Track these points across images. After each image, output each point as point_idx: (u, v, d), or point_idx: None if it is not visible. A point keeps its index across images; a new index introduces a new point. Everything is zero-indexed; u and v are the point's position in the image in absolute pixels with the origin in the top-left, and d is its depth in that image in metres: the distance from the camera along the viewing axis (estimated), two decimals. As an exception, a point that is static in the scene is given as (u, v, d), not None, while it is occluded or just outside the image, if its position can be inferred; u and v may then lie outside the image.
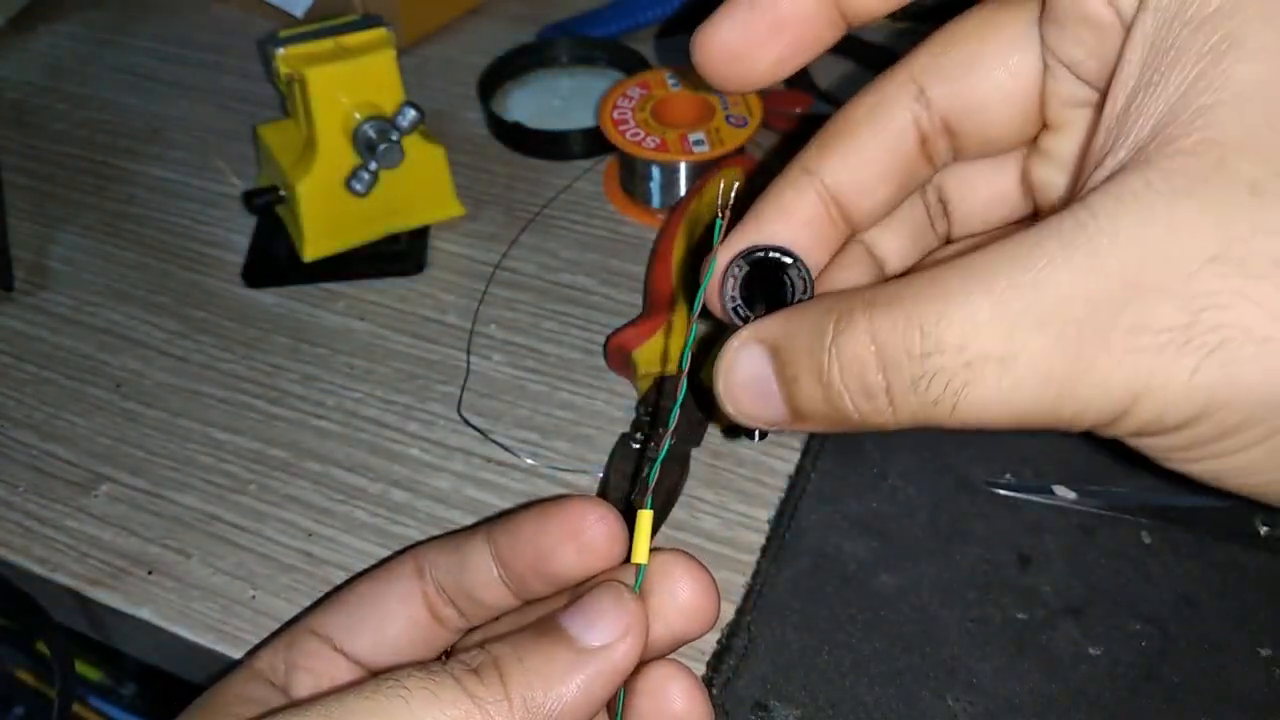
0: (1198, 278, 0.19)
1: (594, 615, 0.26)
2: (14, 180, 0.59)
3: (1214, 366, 0.20)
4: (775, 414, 0.25)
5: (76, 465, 0.44)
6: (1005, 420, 0.22)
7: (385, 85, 0.50)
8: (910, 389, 0.22)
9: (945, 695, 0.35)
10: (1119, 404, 0.21)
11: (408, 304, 0.51)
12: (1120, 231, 0.20)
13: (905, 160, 0.27)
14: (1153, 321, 0.20)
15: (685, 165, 0.53)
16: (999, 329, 0.21)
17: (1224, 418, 0.20)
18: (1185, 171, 0.20)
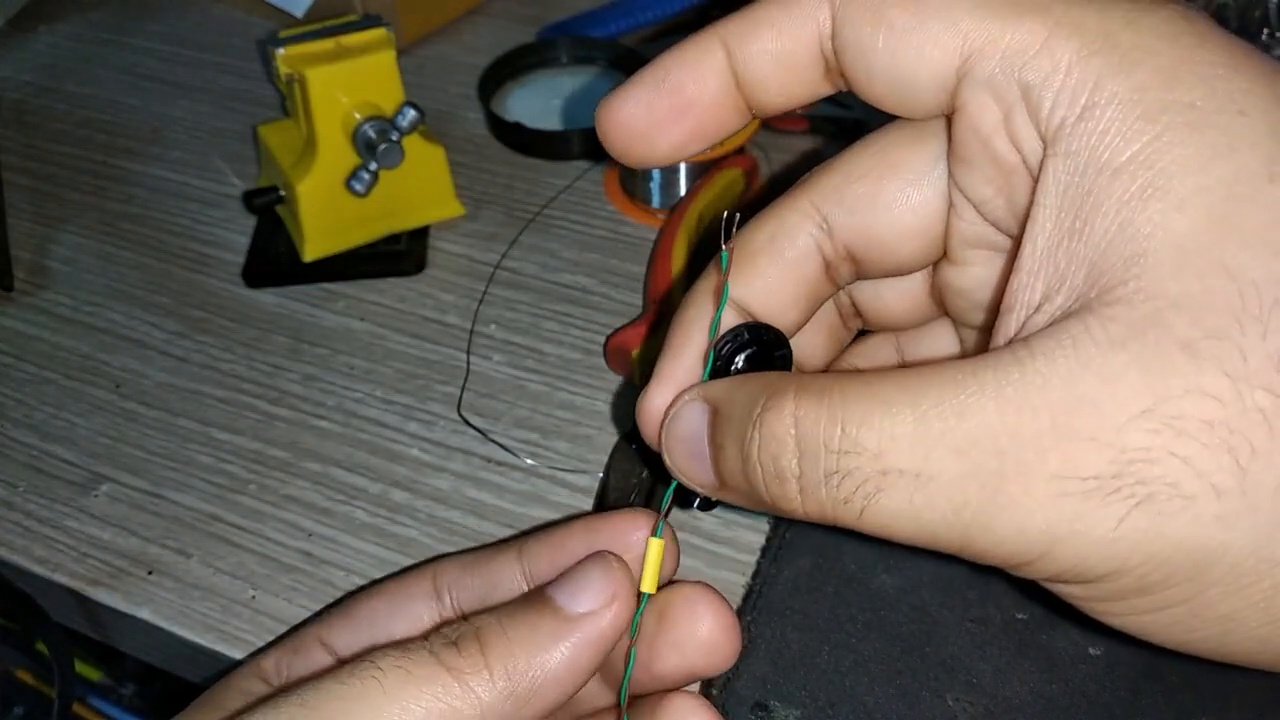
0: (1128, 431, 0.19)
1: (580, 583, 0.26)
2: (14, 180, 0.59)
3: (1140, 518, 0.19)
4: (704, 476, 0.25)
5: (76, 465, 0.44)
6: (914, 537, 0.22)
7: (385, 85, 0.50)
8: (822, 482, 0.22)
9: (945, 695, 0.35)
10: (1035, 545, 0.20)
11: (408, 304, 0.51)
12: (1055, 375, 0.20)
13: (810, 284, 0.27)
14: (1079, 468, 0.20)
15: (685, 165, 0.53)
16: (918, 447, 0.21)
17: (1146, 573, 0.20)
18: (1121, 322, 0.20)
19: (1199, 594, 0.20)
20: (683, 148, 0.27)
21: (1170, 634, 0.22)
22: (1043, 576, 0.22)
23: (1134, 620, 0.22)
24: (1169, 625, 0.21)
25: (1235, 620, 0.21)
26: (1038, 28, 0.21)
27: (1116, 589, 0.21)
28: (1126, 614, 0.22)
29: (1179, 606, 0.21)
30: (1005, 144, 0.23)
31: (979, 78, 0.22)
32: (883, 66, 0.23)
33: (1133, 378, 0.19)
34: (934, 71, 0.23)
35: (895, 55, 0.23)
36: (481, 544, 0.40)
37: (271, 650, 0.31)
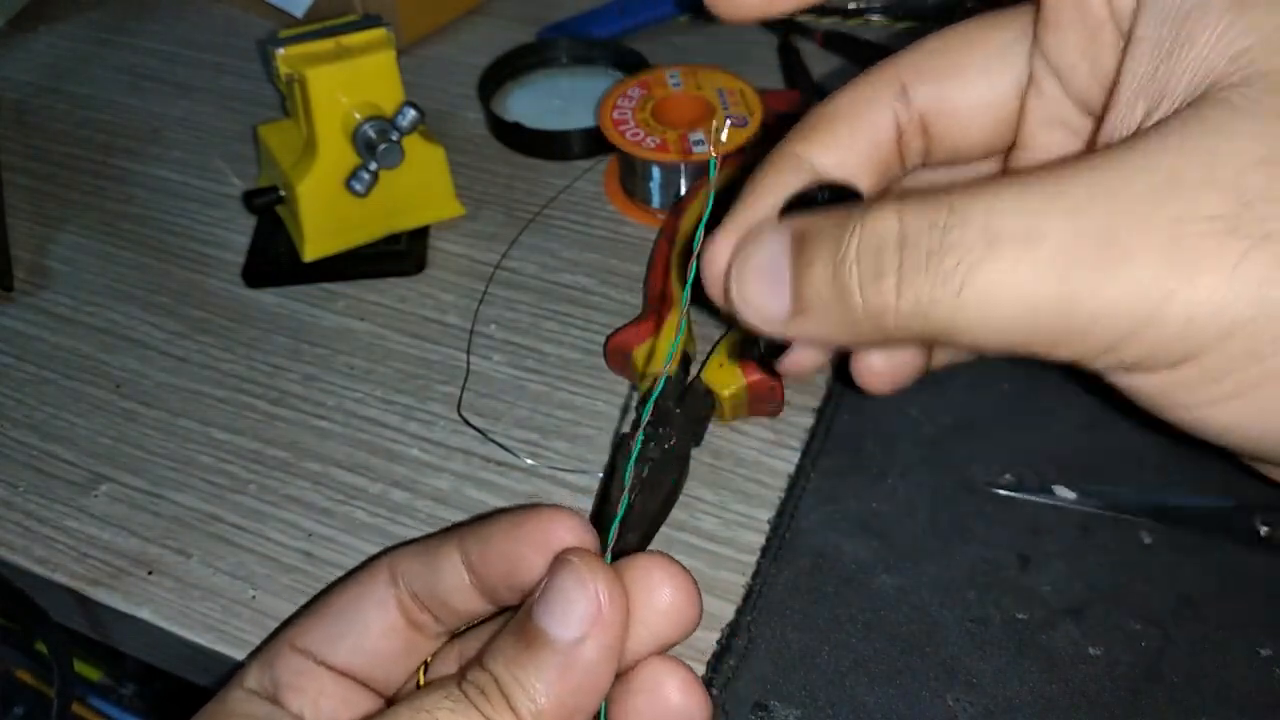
0: (1247, 174, 0.19)
1: (563, 606, 0.26)
2: (14, 180, 0.59)
3: (1258, 256, 0.19)
4: (777, 303, 0.24)
5: (76, 465, 0.44)
6: (1011, 318, 0.21)
7: (385, 85, 0.50)
8: (923, 264, 0.21)
9: (945, 695, 0.35)
10: (1147, 301, 0.20)
11: (408, 304, 0.51)
12: (1170, 138, 0.20)
13: (882, 152, 0.27)
14: (1199, 209, 0.19)
15: (685, 165, 0.53)
16: (1028, 210, 0.20)
17: (1257, 331, 0.19)
18: (1235, 99, 0.20)
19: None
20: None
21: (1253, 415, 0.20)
22: (1146, 349, 0.20)
23: (1234, 408, 0.20)
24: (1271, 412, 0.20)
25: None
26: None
27: (1222, 359, 0.20)
28: (1229, 397, 0.20)
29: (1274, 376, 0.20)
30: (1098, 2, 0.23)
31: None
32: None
33: (1249, 133, 0.20)
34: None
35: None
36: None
37: (250, 666, 0.31)
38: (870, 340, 0.23)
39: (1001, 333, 0.21)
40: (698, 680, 0.28)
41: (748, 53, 0.65)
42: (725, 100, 0.55)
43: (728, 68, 0.57)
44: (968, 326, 0.21)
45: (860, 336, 0.23)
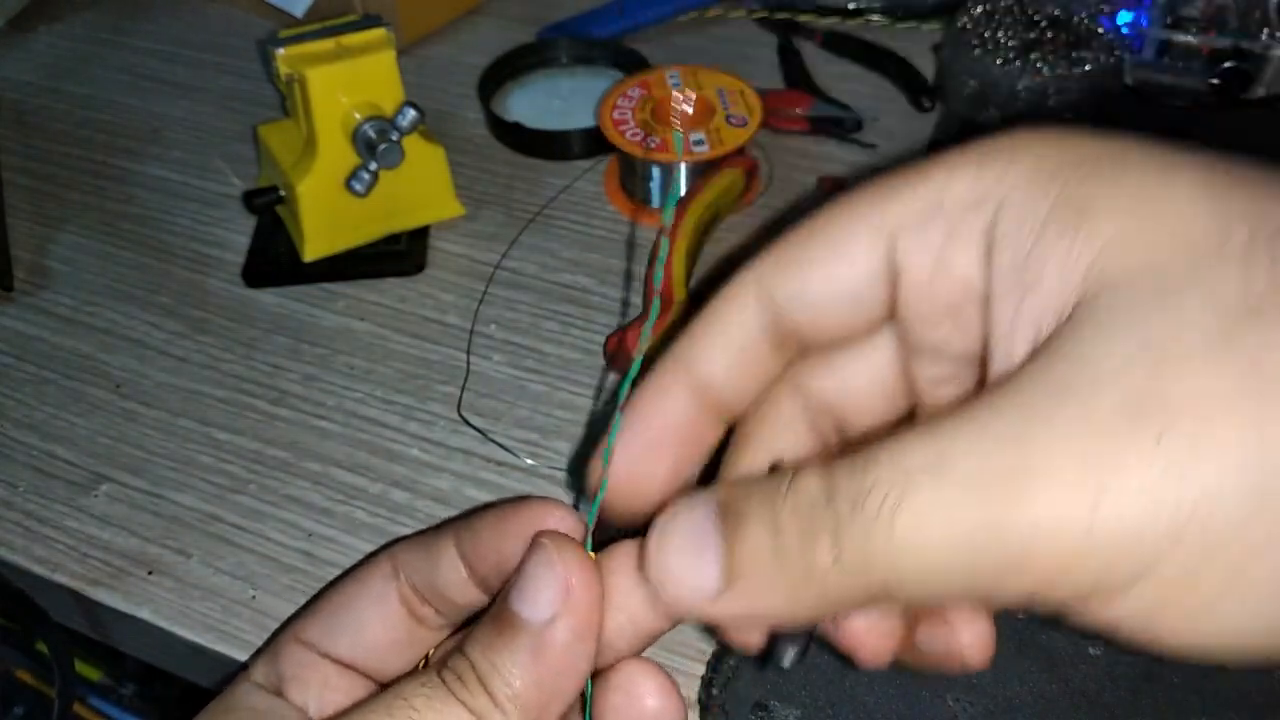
0: (1132, 373, 0.20)
1: (532, 588, 0.26)
2: (14, 180, 0.59)
3: (1173, 449, 0.19)
4: (705, 576, 0.24)
5: (76, 465, 0.44)
6: (945, 547, 0.21)
7: (385, 85, 0.50)
8: (852, 512, 0.22)
9: (945, 695, 0.35)
10: (1075, 513, 0.19)
11: (408, 304, 0.51)
12: (1045, 362, 0.21)
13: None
14: (1095, 415, 0.20)
15: (685, 165, 0.53)
16: (934, 443, 0.21)
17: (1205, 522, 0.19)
18: (1099, 310, 0.21)
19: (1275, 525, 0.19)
20: (673, 478, 0.28)
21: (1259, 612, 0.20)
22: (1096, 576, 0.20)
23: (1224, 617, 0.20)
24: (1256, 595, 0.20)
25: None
26: (930, 187, 0.24)
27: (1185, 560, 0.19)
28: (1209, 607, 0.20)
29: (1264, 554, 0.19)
30: (947, 282, 0.24)
31: (905, 245, 0.25)
32: (824, 295, 0.26)
33: (1122, 332, 0.20)
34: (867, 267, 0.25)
35: (829, 280, 0.25)
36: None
37: (256, 662, 0.31)
38: (812, 608, 0.23)
39: (944, 570, 0.21)
40: (674, 686, 0.28)
41: (748, 53, 0.65)
42: (725, 100, 0.55)
43: (728, 68, 0.57)
44: (908, 571, 0.21)
45: (801, 604, 0.23)
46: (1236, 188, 0.21)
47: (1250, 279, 0.20)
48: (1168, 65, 0.58)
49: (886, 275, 0.25)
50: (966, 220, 0.24)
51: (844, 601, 0.23)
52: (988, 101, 0.56)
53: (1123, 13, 0.58)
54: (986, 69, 0.55)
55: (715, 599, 0.24)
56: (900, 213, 0.25)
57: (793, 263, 0.26)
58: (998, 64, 0.55)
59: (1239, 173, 0.22)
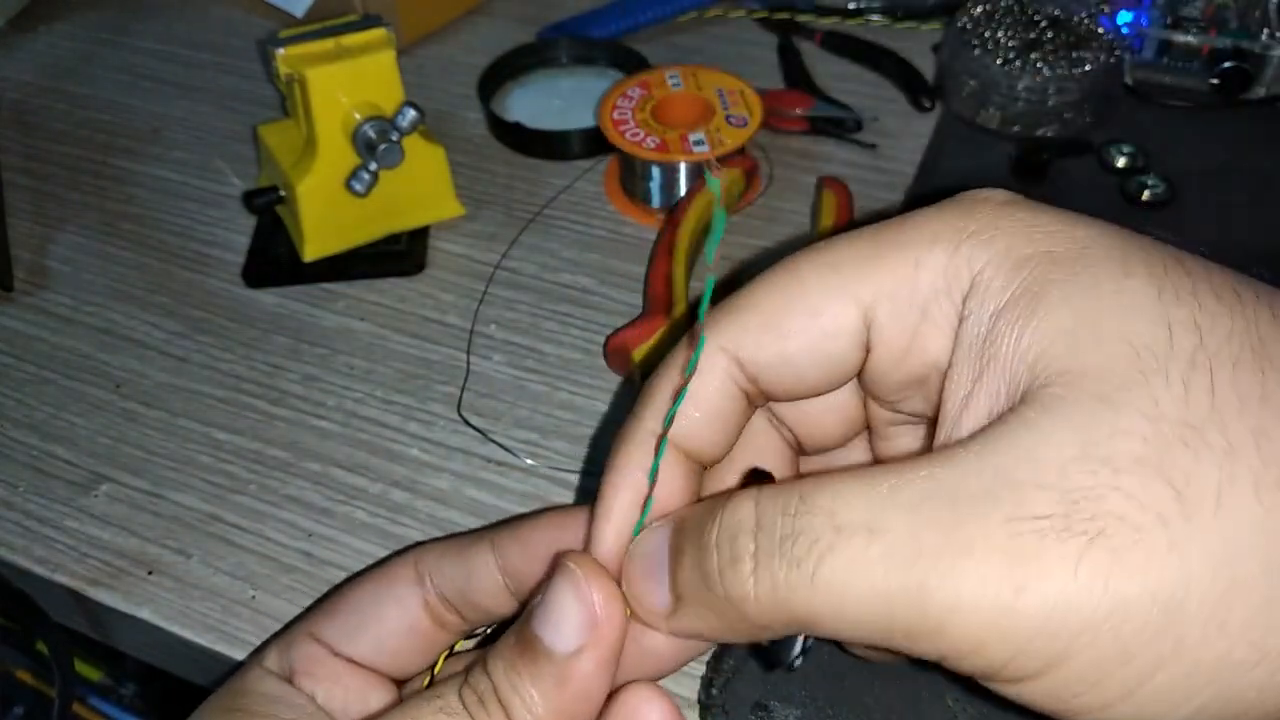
0: (1068, 473, 0.20)
1: (559, 616, 0.25)
2: (14, 180, 0.59)
3: (1098, 554, 0.20)
4: (657, 595, 0.25)
5: (76, 465, 0.44)
6: (864, 602, 0.21)
7: (385, 85, 0.50)
8: (776, 549, 0.22)
9: (945, 695, 0.35)
10: (999, 595, 0.20)
11: (408, 304, 0.51)
12: (995, 445, 0.21)
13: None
14: (1031, 509, 0.20)
15: (685, 165, 0.53)
16: (871, 504, 0.21)
17: (1119, 625, 0.19)
18: (1043, 399, 0.21)
19: (1181, 644, 0.20)
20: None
21: (1162, 711, 0.20)
22: (1008, 655, 0.21)
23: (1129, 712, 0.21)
24: (1158, 699, 0.20)
25: (1227, 669, 0.20)
26: (906, 261, 0.25)
27: (1094, 661, 0.20)
28: (1117, 701, 0.20)
29: (1168, 667, 0.20)
30: (918, 359, 0.25)
31: (882, 322, 0.25)
32: (800, 361, 0.26)
33: (1063, 431, 0.21)
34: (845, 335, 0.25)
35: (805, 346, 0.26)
36: (481, 544, 0.40)
37: (267, 651, 0.31)
38: (743, 631, 0.24)
39: (859, 621, 0.22)
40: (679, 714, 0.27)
41: (748, 53, 0.65)
42: (725, 100, 0.55)
43: (728, 68, 0.57)
44: (825, 614, 0.22)
45: (731, 628, 0.24)
46: (1187, 293, 0.22)
47: (1191, 397, 0.20)
48: (1168, 65, 0.58)
49: (860, 343, 0.26)
50: (941, 303, 0.24)
51: (767, 627, 0.23)
52: (988, 101, 0.56)
53: (1123, 13, 0.58)
54: (986, 69, 0.55)
55: (668, 618, 0.25)
56: (878, 289, 0.25)
57: (766, 327, 0.26)
58: (998, 64, 0.55)
59: (1193, 272, 0.22)
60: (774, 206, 0.54)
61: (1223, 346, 0.21)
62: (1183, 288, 0.22)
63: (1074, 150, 0.55)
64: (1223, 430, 0.20)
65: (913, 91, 0.60)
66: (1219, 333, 0.21)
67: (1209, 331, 0.21)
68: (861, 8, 0.67)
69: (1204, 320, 0.21)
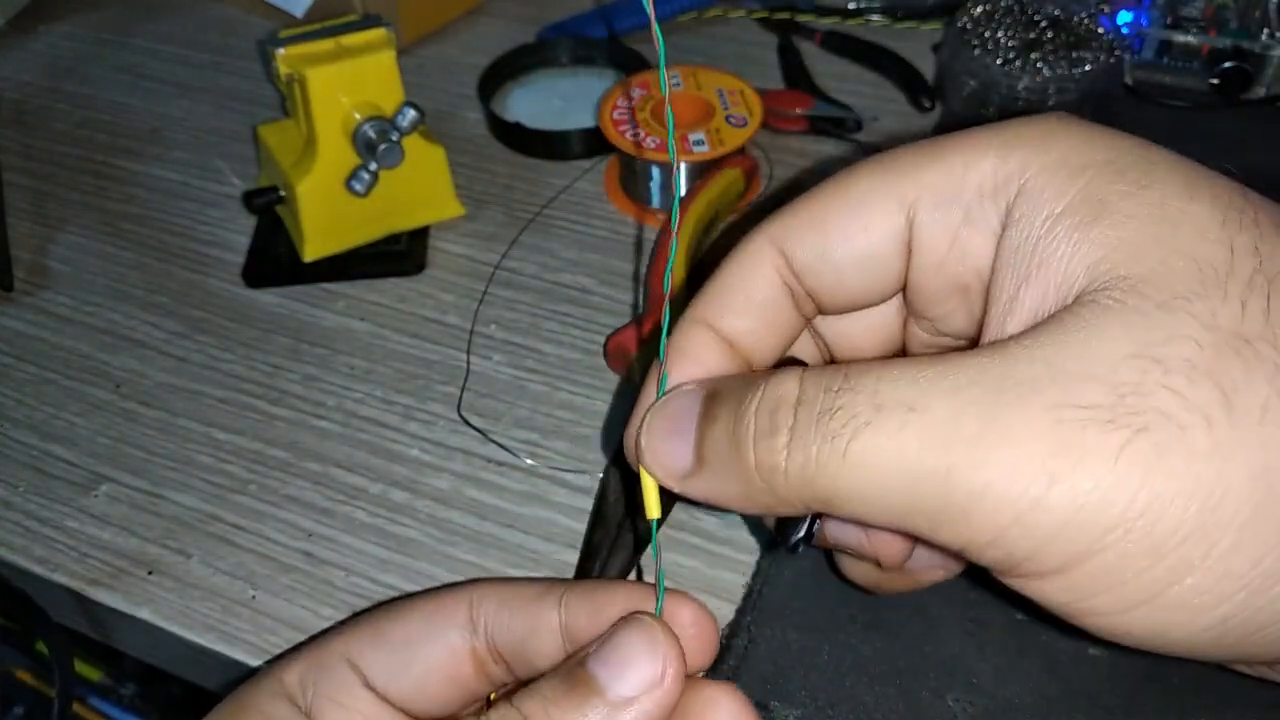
0: (1119, 368, 0.20)
1: (626, 660, 0.25)
2: (14, 180, 0.59)
3: (1140, 446, 0.20)
4: (677, 455, 0.25)
5: (76, 465, 0.44)
6: (891, 481, 0.21)
7: (385, 85, 0.50)
8: (813, 423, 0.22)
9: (945, 695, 0.35)
10: (1030, 485, 0.20)
11: (408, 304, 0.51)
12: (1046, 337, 0.21)
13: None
14: (1077, 398, 0.20)
15: (685, 165, 0.53)
16: (914, 385, 0.21)
17: (1152, 522, 0.19)
18: (1103, 300, 0.21)
19: (1213, 549, 0.19)
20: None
21: (1182, 619, 0.20)
22: (1031, 548, 0.20)
23: (1154, 614, 0.20)
24: (1182, 604, 0.20)
25: (1257, 578, 0.20)
26: (955, 163, 0.24)
27: (1120, 560, 0.20)
28: (1142, 602, 0.20)
29: (1196, 571, 0.20)
30: (959, 263, 0.25)
31: (923, 220, 0.25)
32: (842, 259, 0.26)
33: (1118, 330, 0.21)
34: (886, 236, 0.25)
35: (849, 244, 0.26)
36: (482, 543, 0.40)
37: (295, 662, 0.29)
38: (764, 503, 0.24)
39: (882, 502, 0.22)
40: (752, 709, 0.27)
41: (748, 53, 0.65)
42: (725, 100, 0.55)
43: (728, 68, 0.57)
44: (850, 491, 0.22)
45: (753, 498, 0.24)
46: (1250, 221, 0.22)
47: (1247, 314, 0.21)
48: (1168, 65, 0.58)
49: (903, 247, 0.26)
50: (985, 207, 0.24)
51: (789, 502, 0.23)
52: (988, 101, 0.56)
53: (1123, 13, 0.58)
54: (986, 69, 0.55)
55: (684, 479, 0.25)
56: (922, 188, 0.25)
57: (812, 223, 0.26)
58: (998, 64, 0.55)
59: (1255, 204, 0.22)
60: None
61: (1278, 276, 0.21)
62: (1246, 215, 0.22)
63: (1074, 150, 0.55)
64: (1275, 346, 0.20)
65: (913, 91, 0.60)
66: (1277, 259, 0.21)
67: (1268, 258, 0.21)
68: (861, 8, 0.67)
69: (1265, 247, 0.21)
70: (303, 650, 0.30)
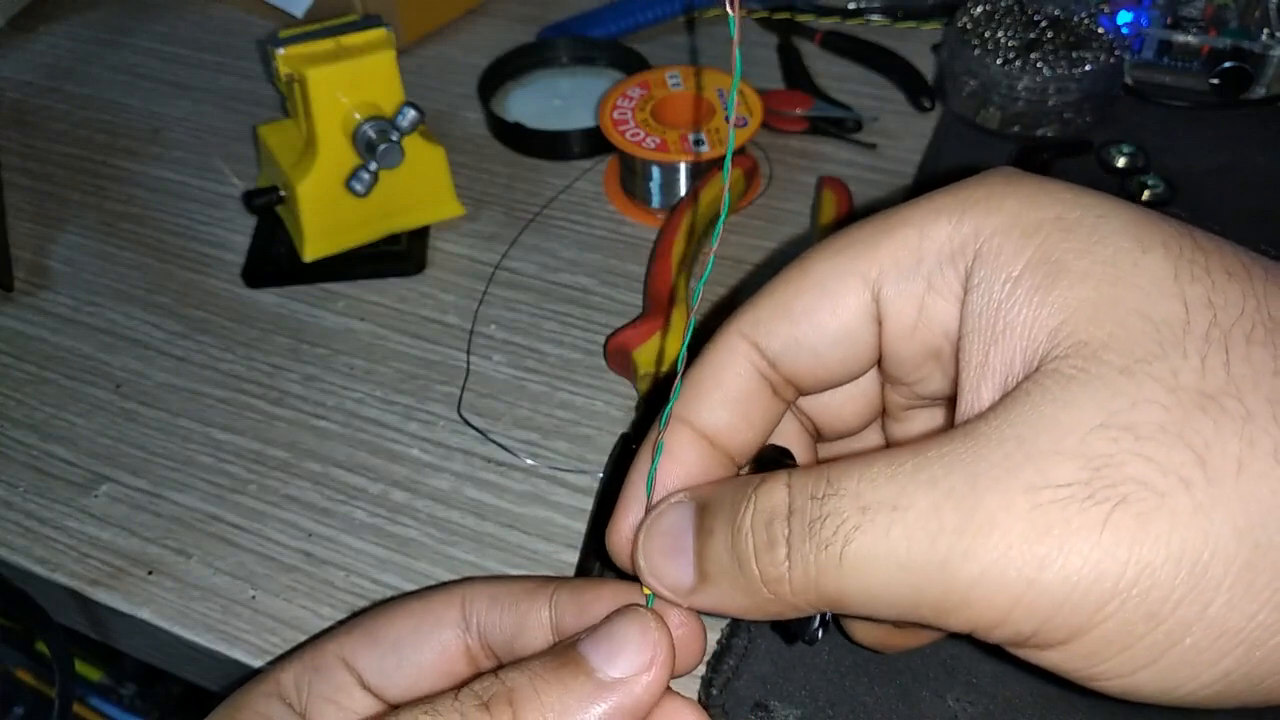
0: (1090, 440, 0.20)
1: (617, 645, 0.25)
2: (14, 180, 0.59)
3: (1122, 519, 0.20)
4: (679, 572, 0.26)
5: (76, 465, 0.44)
6: (890, 579, 0.22)
7: (385, 85, 0.50)
8: (807, 533, 0.23)
9: (945, 695, 0.35)
10: (1023, 568, 0.20)
11: (408, 304, 0.51)
12: (1015, 415, 0.21)
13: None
14: (1053, 477, 0.20)
15: (685, 165, 0.53)
16: (893, 483, 0.22)
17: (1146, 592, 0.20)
18: (1064, 369, 0.21)
19: (1207, 608, 0.20)
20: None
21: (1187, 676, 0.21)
22: (1036, 625, 0.21)
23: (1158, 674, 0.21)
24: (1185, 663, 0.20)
25: (1254, 631, 0.20)
26: (911, 234, 0.25)
27: (1121, 627, 0.20)
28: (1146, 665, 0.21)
29: (1194, 631, 0.20)
30: (928, 330, 0.25)
31: (889, 293, 0.26)
32: (816, 342, 0.26)
33: (1084, 401, 0.21)
34: (855, 314, 0.26)
35: (819, 327, 0.26)
36: (482, 543, 0.40)
37: (290, 664, 0.30)
38: (772, 610, 0.24)
39: (886, 599, 0.22)
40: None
41: (748, 53, 0.65)
42: (725, 100, 0.55)
43: (728, 68, 0.57)
44: (854, 593, 0.22)
45: (762, 606, 0.24)
46: (1201, 271, 0.22)
47: (1207, 369, 0.21)
48: (1168, 65, 0.58)
49: (873, 321, 0.26)
50: (945, 272, 0.25)
51: (798, 607, 0.24)
52: (988, 101, 0.56)
53: (1123, 13, 0.58)
54: (986, 69, 0.55)
55: (690, 594, 0.26)
56: (882, 263, 0.26)
57: (779, 312, 0.27)
58: (998, 64, 0.55)
59: (1205, 251, 0.22)
60: (774, 206, 0.54)
61: (1236, 323, 0.21)
62: (1197, 264, 0.22)
63: (1074, 150, 0.55)
64: (1240, 399, 0.20)
65: (913, 91, 0.60)
66: (1232, 310, 0.21)
67: (1222, 309, 0.21)
68: (861, 8, 0.67)
69: (1217, 298, 0.21)
70: (298, 652, 0.31)
